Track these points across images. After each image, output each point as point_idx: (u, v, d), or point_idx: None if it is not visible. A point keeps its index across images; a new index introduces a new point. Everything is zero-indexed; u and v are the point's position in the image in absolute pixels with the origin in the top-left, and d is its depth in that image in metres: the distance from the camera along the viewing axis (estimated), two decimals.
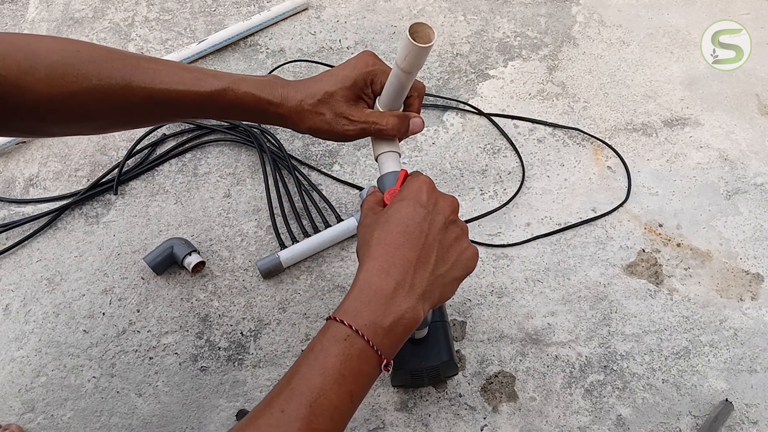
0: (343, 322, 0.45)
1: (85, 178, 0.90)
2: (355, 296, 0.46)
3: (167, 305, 0.79)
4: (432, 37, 0.50)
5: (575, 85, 0.99)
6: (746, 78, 1.00)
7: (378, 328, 0.45)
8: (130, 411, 0.72)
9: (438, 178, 0.89)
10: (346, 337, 0.44)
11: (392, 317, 0.45)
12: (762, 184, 0.89)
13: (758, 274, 0.81)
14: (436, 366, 0.65)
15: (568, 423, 0.71)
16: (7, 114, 0.49)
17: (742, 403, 0.72)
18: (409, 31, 0.50)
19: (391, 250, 0.48)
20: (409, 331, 0.47)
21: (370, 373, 0.44)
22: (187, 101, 0.55)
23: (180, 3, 1.10)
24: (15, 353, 0.76)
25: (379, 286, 0.46)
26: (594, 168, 0.91)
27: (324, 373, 0.43)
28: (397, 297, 0.46)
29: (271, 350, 0.76)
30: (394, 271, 0.47)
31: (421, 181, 0.52)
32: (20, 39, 0.49)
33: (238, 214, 0.86)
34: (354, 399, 0.44)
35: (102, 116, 0.54)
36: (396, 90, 0.57)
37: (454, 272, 0.50)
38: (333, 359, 0.43)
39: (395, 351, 0.47)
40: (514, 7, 1.09)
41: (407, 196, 0.51)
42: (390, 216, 0.50)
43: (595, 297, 0.79)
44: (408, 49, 0.50)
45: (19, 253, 0.84)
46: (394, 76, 0.55)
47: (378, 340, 0.44)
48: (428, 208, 0.50)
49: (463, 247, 0.51)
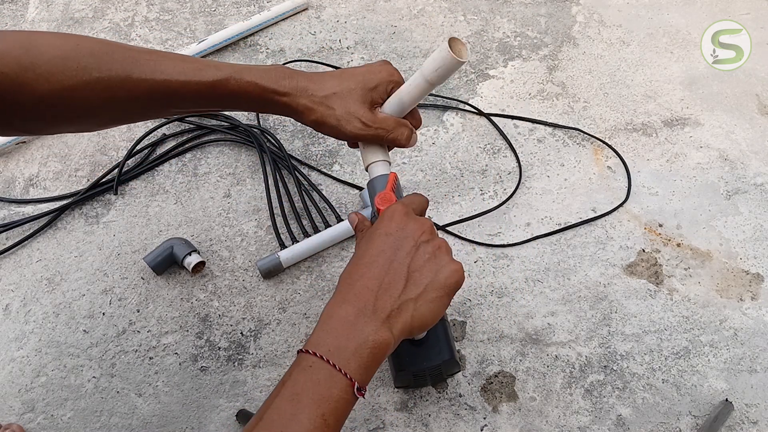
0: (308, 352, 0.46)
1: (85, 178, 0.90)
2: (319, 327, 0.47)
3: (167, 305, 0.79)
4: (465, 55, 0.50)
5: (575, 85, 0.99)
6: (746, 78, 1.00)
7: (342, 351, 0.45)
8: (130, 411, 0.72)
9: (438, 178, 0.89)
10: (311, 364, 0.45)
11: (355, 341, 0.46)
12: (762, 184, 0.89)
13: (758, 274, 0.81)
14: (438, 365, 0.65)
15: (568, 423, 0.71)
16: (7, 112, 0.49)
17: (742, 403, 0.72)
18: (448, 43, 0.50)
19: (352, 282, 0.49)
20: (379, 355, 0.47)
21: (341, 397, 0.44)
22: (188, 91, 0.54)
23: (180, 3, 1.10)
24: (15, 353, 0.76)
25: (340, 315, 0.47)
26: (594, 168, 0.91)
27: (294, 400, 0.43)
28: (358, 322, 0.47)
29: (271, 350, 0.76)
30: (353, 299, 0.48)
31: (391, 210, 0.53)
32: (19, 36, 0.49)
33: (238, 214, 0.86)
34: (328, 422, 0.43)
35: (103, 110, 0.54)
36: (412, 98, 0.57)
37: (430, 293, 0.49)
38: (301, 386, 0.44)
39: (367, 375, 0.47)
40: (514, 7, 1.09)
41: (375, 229, 0.52)
42: (357, 252, 0.51)
43: (595, 297, 0.79)
44: (443, 61, 0.51)
45: (19, 253, 0.84)
46: (416, 87, 0.55)
47: (344, 363, 0.45)
48: (395, 235, 0.51)
49: (440, 265, 0.50)
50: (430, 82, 0.54)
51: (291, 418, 0.42)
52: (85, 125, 0.57)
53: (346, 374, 0.45)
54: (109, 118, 0.57)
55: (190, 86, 0.54)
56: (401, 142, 0.58)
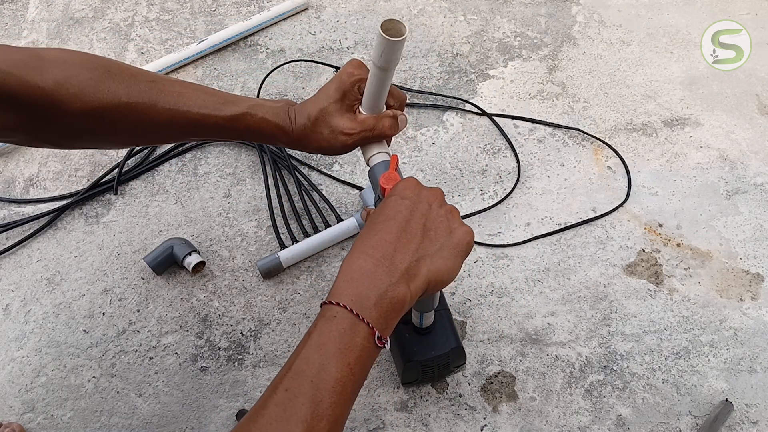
0: (331, 302, 0.47)
1: (85, 178, 0.90)
2: (340, 278, 0.48)
3: (167, 305, 0.79)
4: (403, 31, 0.51)
5: (575, 85, 0.99)
6: (746, 78, 1.00)
7: (364, 300, 0.46)
8: (130, 411, 0.72)
9: (438, 178, 0.89)
10: (336, 314, 0.46)
11: (376, 291, 0.47)
12: (762, 184, 0.89)
13: (758, 274, 0.81)
14: (446, 353, 0.65)
15: (568, 423, 0.71)
16: (39, 125, 0.52)
17: (742, 403, 0.72)
18: (381, 27, 0.50)
19: (371, 236, 0.50)
20: (398, 309, 0.48)
21: (365, 346, 0.46)
22: (207, 124, 0.58)
23: (180, 3, 1.10)
24: (15, 353, 0.76)
25: (359, 266, 0.48)
26: (594, 168, 0.91)
27: (321, 350, 0.45)
28: (377, 273, 0.48)
29: (271, 350, 0.76)
30: (372, 251, 0.49)
31: (405, 181, 0.55)
32: (59, 54, 0.53)
33: (238, 214, 0.86)
34: (354, 371, 0.45)
35: (127, 133, 0.58)
36: (377, 90, 0.57)
37: (445, 251, 0.51)
38: (327, 335, 0.45)
39: (387, 326, 0.48)
40: (514, 7, 1.09)
41: (391, 194, 0.53)
42: (375, 212, 0.53)
43: (595, 297, 0.79)
44: (382, 45, 0.51)
45: (19, 253, 0.84)
46: (373, 76, 0.55)
47: (366, 312, 0.46)
48: (411, 199, 0.52)
49: (454, 227, 0.52)
50: (382, 68, 0.54)
51: (320, 367, 0.44)
52: (105, 143, 0.61)
53: (368, 323, 0.46)
54: (131, 140, 0.62)
55: (209, 119, 0.58)
56: (387, 133, 0.60)
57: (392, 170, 0.57)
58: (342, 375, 0.44)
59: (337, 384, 0.44)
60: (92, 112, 0.53)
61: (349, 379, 0.45)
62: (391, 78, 0.56)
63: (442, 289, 0.54)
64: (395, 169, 0.58)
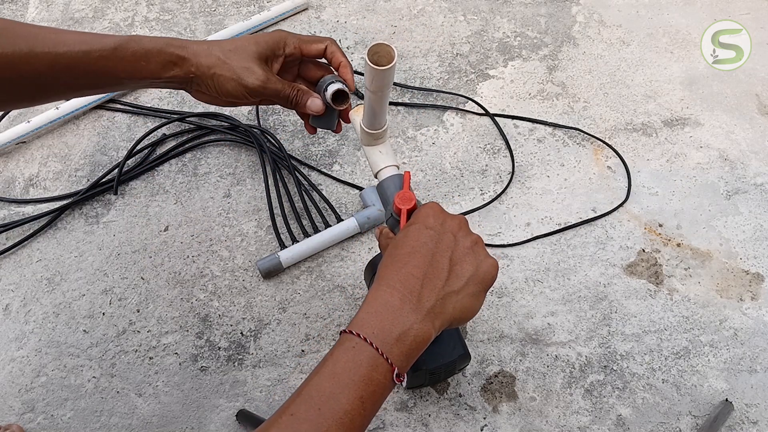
0: (351, 332, 0.45)
1: (85, 178, 0.90)
2: (364, 310, 0.47)
3: (167, 305, 0.79)
4: (393, 56, 0.50)
5: (575, 85, 0.99)
6: (746, 78, 1.00)
7: (386, 336, 0.45)
8: (130, 411, 0.72)
9: (438, 178, 0.89)
10: (354, 345, 0.45)
11: (400, 328, 0.46)
12: (762, 184, 0.89)
13: (758, 274, 0.81)
14: (453, 360, 0.65)
15: (568, 423, 0.71)
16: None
17: (742, 403, 0.72)
18: (368, 53, 0.49)
19: (398, 268, 0.49)
20: (420, 347, 0.47)
21: (381, 381, 0.44)
22: (90, 60, 0.54)
23: (180, 3, 1.10)
24: (15, 353, 0.76)
25: (386, 300, 0.47)
26: (594, 168, 0.91)
27: (333, 379, 0.43)
28: (404, 309, 0.47)
29: (271, 350, 0.76)
30: (399, 286, 0.47)
31: (428, 207, 0.53)
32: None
33: (238, 214, 0.86)
34: (365, 405, 0.43)
35: (7, 88, 0.54)
36: (374, 110, 0.57)
37: (471, 287, 0.50)
38: (342, 365, 0.44)
39: (407, 363, 0.47)
40: (514, 7, 1.09)
41: (414, 222, 0.52)
42: (398, 241, 0.51)
43: (595, 297, 0.79)
44: (372, 73, 0.50)
45: (19, 253, 0.84)
46: (369, 99, 0.55)
47: (387, 348, 0.45)
48: (435, 229, 0.51)
49: (479, 260, 0.51)
50: (374, 92, 0.53)
51: (330, 396, 0.43)
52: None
53: (387, 359, 0.45)
54: (14, 97, 0.57)
55: (91, 55, 0.54)
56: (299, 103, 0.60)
57: (406, 189, 0.56)
58: (352, 407, 0.43)
59: (346, 416, 0.42)
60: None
61: (359, 412, 0.43)
62: (387, 97, 0.55)
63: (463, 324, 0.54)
64: (409, 187, 0.57)
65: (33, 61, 0.52)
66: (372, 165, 0.61)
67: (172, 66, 0.57)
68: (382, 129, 0.60)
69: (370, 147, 0.62)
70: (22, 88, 0.55)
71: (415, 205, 0.55)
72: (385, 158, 0.60)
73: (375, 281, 0.49)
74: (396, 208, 0.55)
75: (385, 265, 0.50)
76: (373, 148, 0.61)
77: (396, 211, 0.56)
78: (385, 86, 0.52)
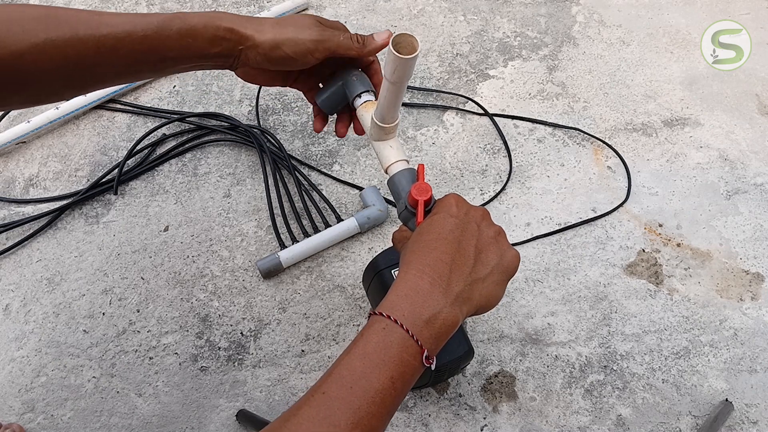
0: (382, 314, 0.46)
1: (85, 178, 0.90)
2: (393, 293, 0.47)
3: (167, 305, 0.79)
4: (416, 47, 0.50)
5: (575, 85, 0.99)
6: (746, 78, 1.00)
7: (416, 319, 0.46)
8: (130, 411, 0.72)
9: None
10: (385, 326, 0.45)
11: (430, 312, 0.46)
12: (762, 184, 0.89)
13: (758, 274, 0.81)
14: (458, 357, 0.65)
15: (568, 423, 0.71)
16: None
17: (742, 403, 0.72)
18: (392, 43, 0.49)
19: (426, 253, 0.49)
20: (449, 332, 0.47)
21: (410, 362, 0.45)
22: (134, 40, 0.53)
23: (180, 3, 1.10)
24: (15, 353, 0.76)
25: (416, 284, 0.47)
26: (594, 168, 0.91)
27: (364, 359, 0.44)
28: (434, 293, 0.47)
29: (271, 350, 0.76)
30: (429, 270, 0.48)
31: (450, 197, 0.54)
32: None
33: (238, 214, 0.86)
34: (396, 385, 0.44)
35: (54, 75, 0.52)
36: (390, 102, 0.56)
37: (495, 275, 0.50)
38: (373, 346, 0.45)
39: (436, 347, 0.47)
40: (514, 7, 1.09)
41: (437, 211, 0.52)
42: (422, 228, 0.51)
43: (595, 297, 0.79)
44: (395, 62, 0.50)
45: (19, 253, 0.84)
46: (386, 90, 0.55)
47: (417, 330, 0.45)
48: (459, 218, 0.51)
49: (503, 250, 0.51)
50: (394, 83, 0.53)
51: (361, 375, 0.43)
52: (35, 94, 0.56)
53: (417, 341, 0.45)
54: (62, 85, 0.55)
55: (135, 35, 0.53)
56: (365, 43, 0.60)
57: (422, 180, 0.56)
58: (383, 387, 0.43)
59: (377, 395, 0.43)
60: (9, 58, 0.48)
61: (390, 392, 0.43)
62: (404, 90, 0.55)
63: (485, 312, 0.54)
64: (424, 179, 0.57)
65: (78, 45, 0.51)
66: (382, 160, 0.61)
67: (220, 40, 0.55)
68: (395, 123, 0.60)
69: (381, 142, 0.62)
70: (69, 74, 0.53)
71: (431, 196, 0.55)
72: (396, 153, 0.60)
73: (402, 266, 0.50)
74: (412, 199, 0.55)
75: (412, 251, 0.50)
76: (384, 143, 0.61)
77: (412, 203, 0.55)
78: (406, 77, 0.52)
